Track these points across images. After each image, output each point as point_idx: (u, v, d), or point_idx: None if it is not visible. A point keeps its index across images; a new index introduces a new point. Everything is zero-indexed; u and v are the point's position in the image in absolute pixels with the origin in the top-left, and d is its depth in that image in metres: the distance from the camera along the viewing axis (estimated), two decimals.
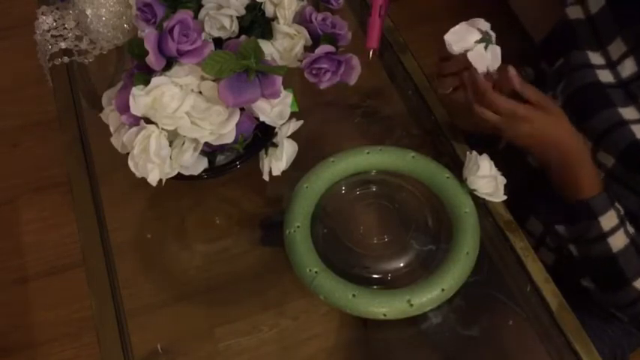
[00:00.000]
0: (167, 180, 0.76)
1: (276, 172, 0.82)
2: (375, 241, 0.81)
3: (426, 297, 0.74)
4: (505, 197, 0.81)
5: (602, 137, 0.82)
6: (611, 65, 0.84)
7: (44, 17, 0.99)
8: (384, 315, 0.73)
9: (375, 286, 0.77)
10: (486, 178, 0.79)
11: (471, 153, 0.81)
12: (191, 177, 0.78)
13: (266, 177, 0.82)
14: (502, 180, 0.81)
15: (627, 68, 0.82)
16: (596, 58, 0.85)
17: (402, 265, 0.79)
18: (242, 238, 0.88)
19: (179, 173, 0.77)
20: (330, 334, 0.81)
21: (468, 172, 0.81)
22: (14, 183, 1.73)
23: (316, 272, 0.75)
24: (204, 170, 0.79)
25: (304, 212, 0.81)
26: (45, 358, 1.48)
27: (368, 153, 0.86)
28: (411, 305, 0.73)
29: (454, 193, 0.81)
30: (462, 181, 0.82)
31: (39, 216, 1.67)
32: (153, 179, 0.74)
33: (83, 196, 0.86)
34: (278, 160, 0.81)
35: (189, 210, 0.90)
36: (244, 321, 0.80)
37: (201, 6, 0.86)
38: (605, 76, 0.84)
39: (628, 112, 0.80)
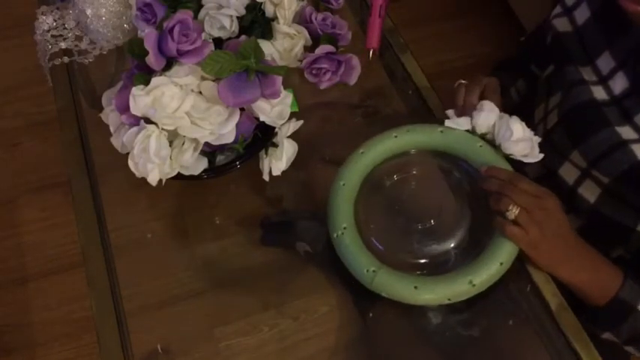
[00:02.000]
0: (167, 180, 0.76)
1: (276, 172, 0.82)
2: (420, 227, 0.79)
3: (486, 274, 0.73)
4: (542, 156, 0.79)
5: (601, 157, 0.80)
6: (603, 80, 0.83)
7: (44, 17, 0.99)
8: (449, 299, 0.74)
9: (425, 271, 0.77)
10: (521, 141, 0.78)
11: (501, 118, 0.79)
12: (191, 177, 0.78)
13: (266, 177, 0.82)
14: (537, 139, 0.79)
15: (618, 84, 0.81)
16: (587, 73, 0.84)
17: (456, 242, 0.77)
18: (242, 238, 0.88)
19: (179, 173, 0.77)
20: (330, 334, 0.81)
21: (500, 138, 0.79)
22: (14, 183, 1.72)
23: (374, 271, 0.74)
24: (204, 170, 0.79)
25: (347, 211, 0.79)
26: (45, 358, 1.48)
27: (396, 136, 0.84)
28: (473, 285, 0.73)
29: (490, 161, 0.79)
30: (495, 147, 0.80)
31: (39, 216, 1.67)
32: (153, 179, 0.74)
33: (83, 196, 0.86)
34: (278, 160, 0.81)
35: (189, 210, 0.90)
36: (244, 321, 0.80)
37: (201, 6, 0.86)
38: (599, 93, 0.82)
39: (625, 132, 0.78)
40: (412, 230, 0.79)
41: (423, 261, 0.77)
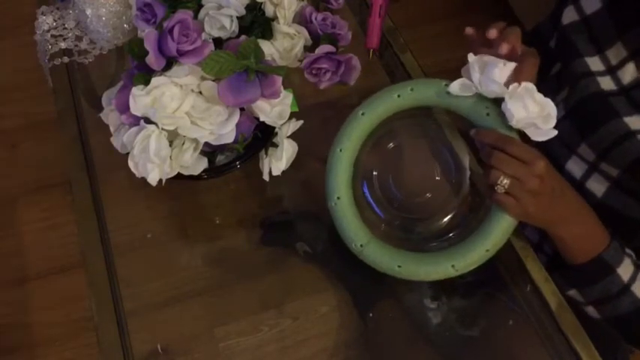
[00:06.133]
0: (167, 180, 0.76)
1: (276, 172, 0.82)
2: (419, 200, 0.79)
3: (470, 259, 0.73)
4: (555, 132, 0.73)
5: (609, 149, 0.80)
6: (611, 71, 0.82)
7: (44, 17, 0.99)
8: (431, 279, 0.74)
9: (417, 245, 0.77)
10: (526, 121, 0.72)
11: (510, 96, 0.72)
12: (191, 177, 0.78)
13: (266, 177, 0.82)
14: (551, 123, 0.73)
15: (628, 74, 0.81)
16: (594, 63, 0.84)
17: (451, 216, 0.78)
18: (242, 238, 0.88)
19: (179, 173, 0.77)
20: (330, 334, 0.81)
21: (506, 109, 0.73)
22: (14, 183, 1.72)
23: (361, 246, 0.75)
24: (204, 170, 0.79)
25: (344, 180, 0.78)
26: (45, 358, 1.48)
27: (399, 96, 0.79)
28: (456, 270, 0.73)
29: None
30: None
31: (39, 216, 1.67)
32: (153, 179, 0.74)
33: (83, 196, 0.86)
34: (278, 160, 0.81)
35: (189, 210, 0.90)
36: (244, 321, 0.80)
37: (201, 6, 0.86)
38: (606, 84, 0.82)
39: (633, 122, 0.78)
40: (407, 203, 0.79)
41: (414, 234, 0.78)
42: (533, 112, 0.72)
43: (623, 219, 0.82)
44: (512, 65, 0.74)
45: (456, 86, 0.76)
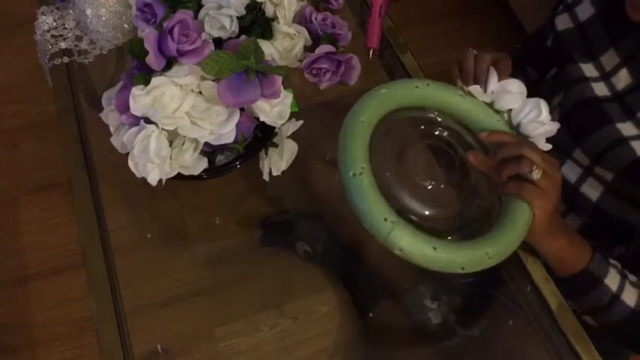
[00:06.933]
0: (167, 180, 0.76)
1: (276, 172, 0.82)
2: (431, 186, 0.74)
3: (504, 247, 0.69)
4: (549, 147, 0.76)
5: (602, 154, 0.80)
6: (606, 77, 0.83)
7: (44, 17, 0.99)
8: (462, 269, 0.66)
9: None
10: (544, 126, 0.75)
11: (528, 99, 0.75)
12: (191, 177, 0.78)
13: (266, 177, 0.82)
14: (555, 126, 0.76)
15: (622, 80, 0.81)
16: (589, 69, 0.84)
17: (454, 218, 0.75)
18: (242, 238, 0.88)
19: (179, 173, 0.77)
20: (330, 334, 0.81)
21: (523, 117, 0.76)
22: (14, 183, 1.72)
23: (393, 222, 0.65)
24: (204, 170, 0.79)
25: (365, 151, 0.70)
26: (45, 358, 1.47)
27: (417, 87, 0.79)
28: (490, 258, 0.68)
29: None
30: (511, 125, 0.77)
31: (39, 216, 1.67)
32: (153, 179, 0.74)
33: (83, 196, 0.86)
34: (278, 160, 0.81)
35: (189, 210, 0.90)
36: (244, 321, 0.80)
37: (201, 6, 0.86)
38: (600, 89, 0.83)
39: (626, 128, 0.79)
40: (420, 192, 0.74)
41: (427, 223, 0.73)
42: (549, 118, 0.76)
43: (618, 223, 0.82)
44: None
45: (473, 91, 0.79)
